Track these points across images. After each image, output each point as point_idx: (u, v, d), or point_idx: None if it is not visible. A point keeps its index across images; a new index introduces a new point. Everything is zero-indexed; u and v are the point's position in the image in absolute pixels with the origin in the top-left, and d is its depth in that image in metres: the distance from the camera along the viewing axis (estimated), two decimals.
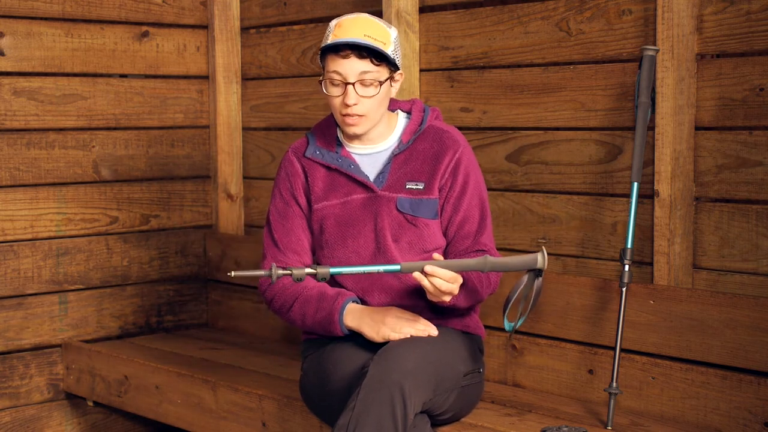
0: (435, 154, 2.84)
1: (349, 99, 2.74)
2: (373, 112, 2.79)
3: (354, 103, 2.75)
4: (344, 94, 2.75)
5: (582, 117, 3.20)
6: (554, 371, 3.17)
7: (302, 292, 2.83)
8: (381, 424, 2.50)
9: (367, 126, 2.81)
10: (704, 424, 2.85)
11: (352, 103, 2.75)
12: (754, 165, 2.85)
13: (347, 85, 2.74)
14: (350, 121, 2.78)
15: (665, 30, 2.91)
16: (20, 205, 3.86)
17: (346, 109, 2.76)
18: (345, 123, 2.80)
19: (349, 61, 2.73)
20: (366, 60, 2.73)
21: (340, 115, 2.79)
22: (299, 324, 2.86)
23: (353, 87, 2.74)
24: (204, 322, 4.36)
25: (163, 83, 4.18)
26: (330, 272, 2.65)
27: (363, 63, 2.73)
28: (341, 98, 2.76)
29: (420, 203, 2.83)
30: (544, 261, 2.61)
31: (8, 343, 3.86)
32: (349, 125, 2.79)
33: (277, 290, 2.88)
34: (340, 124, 2.83)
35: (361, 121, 2.79)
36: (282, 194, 2.94)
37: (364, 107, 2.76)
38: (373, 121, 2.81)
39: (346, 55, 2.73)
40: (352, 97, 2.74)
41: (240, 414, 3.28)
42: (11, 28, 3.79)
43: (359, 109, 2.76)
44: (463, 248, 2.84)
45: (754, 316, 2.74)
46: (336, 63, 2.74)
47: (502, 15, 3.37)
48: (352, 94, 2.74)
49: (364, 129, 2.81)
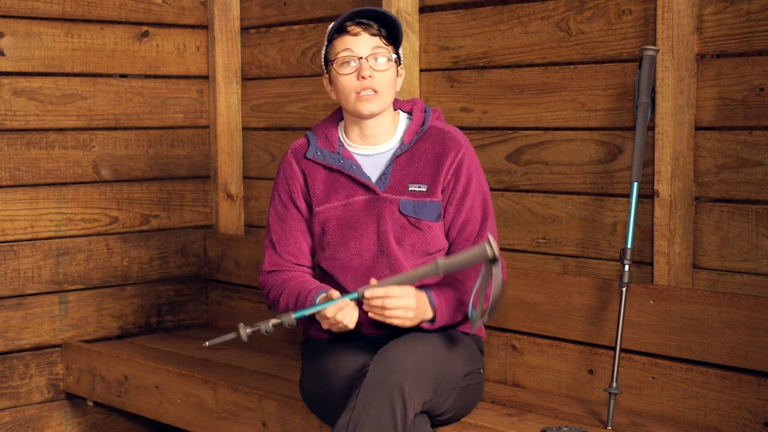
0: (437, 156, 2.84)
1: (365, 71, 2.75)
2: (386, 90, 2.80)
3: (369, 75, 2.75)
4: (358, 69, 2.76)
5: (582, 117, 3.20)
6: (554, 371, 3.17)
7: (286, 286, 2.86)
8: (381, 424, 2.50)
9: (382, 104, 2.80)
10: (704, 424, 2.85)
11: (367, 75, 2.75)
12: (754, 165, 2.85)
13: (360, 60, 2.76)
14: (366, 97, 2.78)
15: (665, 30, 2.91)
16: (20, 205, 3.86)
17: (361, 83, 2.76)
18: (360, 100, 2.79)
19: (360, 38, 2.77)
20: (377, 37, 2.77)
21: (354, 95, 2.78)
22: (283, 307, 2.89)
23: (365, 60, 2.76)
24: (204, 322, 4.36)
25: (163, 83, 4.18)
26: (293, 317, 2.62)
27: (374, 39, 2.77)
28: (355, 75, 2.76)
29: (423, 206, 2.82)
30: (492, 249, 2.58)
31: (8, 343, 3.86)
32: (365, 101, 2.78)
33: (271, 286, 2.91)
34: (353, 106, 2.80)
35: (376, 98, 2.79)
36: (281, 197, 2.94)
37: (378, 82, 2.77)
38: (387, 101, 2.82)
39: (357, 33, 2.76)
40: (366, 69, 2.76)
41: (240, 414, 3.28)
42: (11, 28, 3.79)
43: (374, 83, 2.76)
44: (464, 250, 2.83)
45: (754, 316, 2.74)
46: (347, 41, 2.77)
47: (502, 15, 3.37)
48: (366, 66, 2.76)
49: (380, 107, 2.80)
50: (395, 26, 2.80)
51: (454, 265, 2.63)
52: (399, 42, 2.83)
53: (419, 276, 2.64)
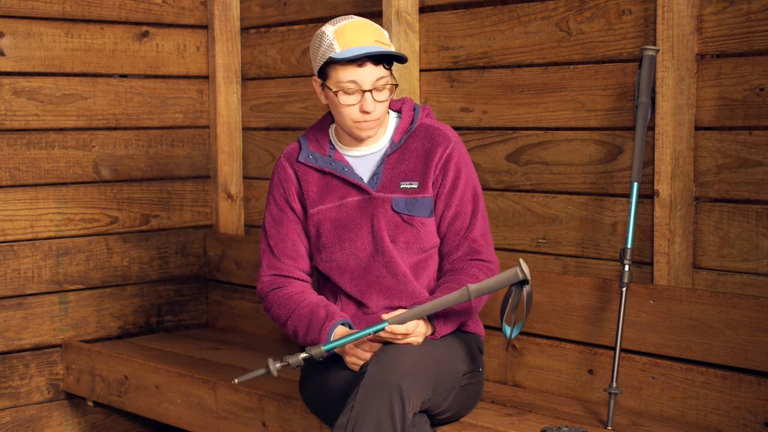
0: (426, 152, 2.84)
1: (368, 106, 2.73)
2: (384, 115, 2.81)
3: (373, 110, 2.74)
4: (362, 102, 2.74)
5: (582, 117, 3.20)
6: (554, 371, 3.17)
7: (296, 308, 2.82)
8: (380, 423, 2.50)
9: (378, 128, 2.82)
10: (704, 424, 2.85)
11: (371, 110, 2.74)
12: (754, 165, 2.85)
13: (364, 93, 2.73)
14: (367, 126, 2.78)
15: (665, 30, 2.91)
16: (20, 205, 3.86)
17: (363, 116, 2.76)
18: (360, 129, 2.78)
19: (366, 69, 2.71)
20: (380, 66, 2.73)
21: (353, 122, 2.78)
22: (292, 337, 2.86)
23: (371, 94, 2.73)
24: (204, 322, 4.36)
25: (163, 83, 4.18)
26: (323, 350, 2.65)
27: (378, 69, 2.73)
28: (357, 106, 2.75)
29: (415, 202, 2.82)
30: (524, 272, 2.62)
31: (8, 343, 3.86)
32: (365, 130, 2.79)
33: (273, 302, 2.88)
34: (352, 130, 2.80)
35: (375, 125, 2.80)
36: (276, 200, 2.93)
37: (378, 112, 2.77)
38: (383, 123, 2.83)
39: (362, 64, 2.71)
40: (370, 104, 2.73)
41: (240, 414, 3.28)
42: (11, 28, 3.79)
43: (374, 115, 2.76)
44: (454, 245, 2.84)
45: (754, 316, 2.74)
46: (351, 72, 2.71)
47: (502, 15, 3.37)
48: (370, 101, 2.73)
49: (377, 131, 2.83)
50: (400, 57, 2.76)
51: (485, 290, 2.66)
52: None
53: (451, 302, 2.66)
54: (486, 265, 2.82)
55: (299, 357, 2.64)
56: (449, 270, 2.84)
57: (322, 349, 2.65)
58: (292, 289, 2.87)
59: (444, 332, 2.76)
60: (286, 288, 2.87)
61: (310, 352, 2.65)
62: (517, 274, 2.62)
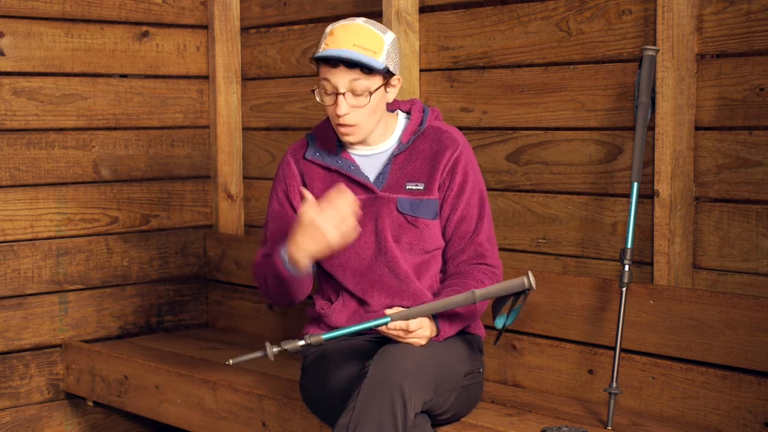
0: (434, 154, 2.84)
1: (340, 109, 2.73)
2: (365, 122, 2.78)
3: (345, 113, 2.74)
4: (335, 104, 2.75)
5: (582, 117, 3.20)
6: (554, 371, 3.17)
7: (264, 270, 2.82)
8: (381, 424, 2.50)
9: (361, 135, 2.80)
10: (704, 424, 2.85)
11: (342, 113, 2.74)
12: (754, 165, 2.85)
13: (338, 95, 2.73)
14: (343, 131, 2.79)
15: (665, 30, 2.91)
16: (20, 205, 3.86)
17: (338, 119, 2.76)
18: (339, 132, 2.81)
19: (339, 71, 2.71)
20: (356, 70, 2.71)
21: (335, 124, 2.80)
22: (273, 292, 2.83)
23: (343, 97, 2.73)
24: (204, 322, 4.36)
25: (163, 83, 4.18)
26: (323, 338, 2.66)
27: (353, 73, 2.71)
28: (333, 107, 2.76)
29: (420, 204, 2.83)
30: (530, 282, 2.63)
31: (8, 343, 3.86)
32: (342, 134, 2.80)
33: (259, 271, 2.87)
34: (336, 129, 2.83)
35: (354, 131, 2.79)
36: (278, 196, 2.94)
37: (355, 117, 2.76)
38: (367, 130, 2.81)
39: (336, 65, 2.71)
40: (342, 107, 2.73)
41: (240, 414, 3.28)
42: (11, 28, 3.79)
43: (351, 119, 2.76)
44: (459, 248, 2.84)
45: (754, 316, 2.74)
46: (327, 72, 2.73)
47: (502, 15, 3.37)
48: (342, 104, 2.73)
49: (359, 137, 2.81)
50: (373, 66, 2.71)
51: (491, 295, 2.67)
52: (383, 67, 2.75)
53: (456, 304, 2.66)
54: (491, 269, 2.82)
55: (297, 344, 2.65)
56: (454, 273, 2.84)
57: (321, 338, 2.66)
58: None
59: (448, 334, 2.76)
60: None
61: (309, 340, 2.65)
62: (523, 283, 2.64)
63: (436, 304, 2.65)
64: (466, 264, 2.83)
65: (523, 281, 2.64)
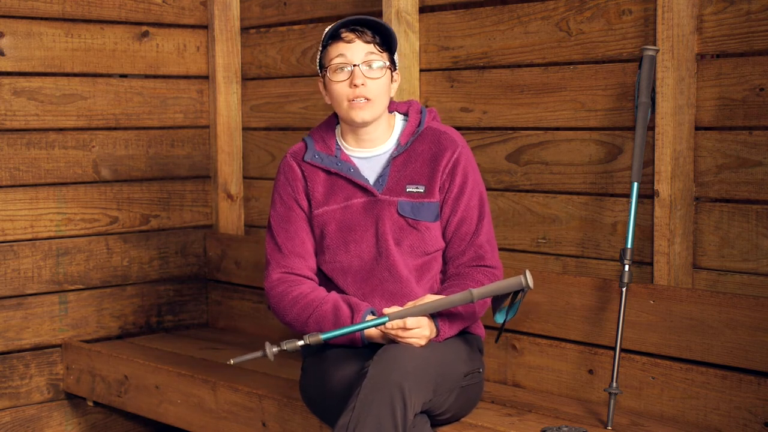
0: (433, 156, 2.84)
1: (357, 79, 2.75)
2: (379, 98, 2.79)
3: (362, 83, 2.75)
4: (351, 77, 2.75)
5: (582, 117, 3.20)
6: (554, 371, 3.17)
7: (317, 307, 2.78)
8: (381, 424, 2.50)
9: (374, 112, 2.80)
10: (704, 424, 2.85)
11: (360, 83, 2.75)
12: (754, 165, 2.85)
13: (354, 67, 2.75)
14: (359, 105, 2.78)
15: (665, 30, 2.91)
16: (20, 205, 3.86)
17: (354, 91, 2.76)
18: (352, 108, 2.78)
19: (355, 44, 2.76)
20: (371, 44, 2.77)
21: (347, 102, 2.78)
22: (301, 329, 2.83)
23: (359, 68, 2.75)
24: (204, 322, 4.36)
25: (163, 83, 4.18)
26: (321, 338, 2.66)
27: (368, 46, 2.77)
28: (348, 82, 2.76)
29: (421, 206, 2.82)
30: (527, 281, 2.64)
31: (8, 343, 3.86)
32: (357, 109, 2.78)
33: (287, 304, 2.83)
34: (346, 113, 2.80)
35: (368, 106, 2.78)
36: (283, 198, 2.92)
37: (371, 90, 2.77)
38: (379, 109, 2.81)
39: (351, 40, 2.75)
40: (359, 77, 2.75)
41: (240, 414, 3.28)
42: (11, 28, 3.80)
43: (366, 91, 2.76)
44: (459, 250, 2.84)
45: (754, 316, 2.74)
46: (340, 47, 2.77)
47: (502, 15, 3.37)
48: (359, 74, 2.75)
49: (372, 115, 2.80)
50: (389, 33, 2.80)
51: (489, 294, 2.68)
52: (394, 48, 2.83)
53: (453, 303, 2.67)
54: (491, 270, 2.82)
55: (296, 343, 2.65)
56: (454, 275, 2.84)
57: (320, 337, 2.66)
58: (305, 289, 2.84)
59: (448, 335, 2.76)
60: (298, 287, 2.84)
61: (308, 340, 2.65)
62: (521, 282, 2.64)
63: (434, 303, 2.66)
64: (466, 266, 2.83)
65: (521, 280, 2.64)
